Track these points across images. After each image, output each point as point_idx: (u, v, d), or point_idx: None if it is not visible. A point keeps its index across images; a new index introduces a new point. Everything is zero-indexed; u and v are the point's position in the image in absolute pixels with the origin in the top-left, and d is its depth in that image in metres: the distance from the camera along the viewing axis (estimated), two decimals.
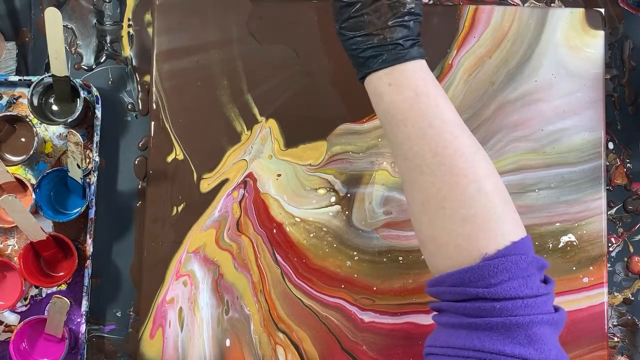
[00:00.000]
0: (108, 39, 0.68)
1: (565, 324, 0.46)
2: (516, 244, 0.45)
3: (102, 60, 0.68)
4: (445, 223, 0.47)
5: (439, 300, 0.49)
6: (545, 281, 0.46)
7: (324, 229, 0.65)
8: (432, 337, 0.48)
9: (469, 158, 0.47)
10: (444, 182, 0.47)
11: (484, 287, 0.44)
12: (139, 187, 0.67)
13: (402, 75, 0.50)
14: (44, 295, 0.65)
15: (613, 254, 0.68)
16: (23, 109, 0.66)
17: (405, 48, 0.50)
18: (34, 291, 0.65)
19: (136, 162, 0.67)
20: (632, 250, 0.68)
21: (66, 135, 0.66)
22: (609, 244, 0.68)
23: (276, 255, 0.65)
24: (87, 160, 0.65)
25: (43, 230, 0.60)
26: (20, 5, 0.68)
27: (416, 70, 0.50)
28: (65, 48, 0.65)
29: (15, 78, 0.65)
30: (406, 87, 0.49)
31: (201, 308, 0.64)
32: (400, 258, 0.65)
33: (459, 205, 0.46)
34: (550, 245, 0.65)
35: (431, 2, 0.69)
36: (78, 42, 0.68)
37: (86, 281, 0.63)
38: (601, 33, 0.67)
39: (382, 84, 0.50)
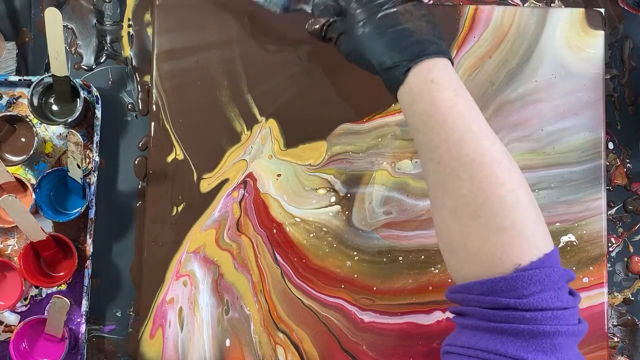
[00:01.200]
0: (108, 39, 0.68)
1: None
2: (548, 256, 0.45)
3: (102, 60, 0.68)
4: (479, 231, 0.46)
5: (461, 305, 0.48)
6: (571, 294, 0.46)
7: (324, 229, 0.65)
8: (452, 337, 0.48)
9: (506, 166, 0.46)
10: (482, 189, 0.45)
11: (516, 297, 0.43)
12: (139, 187, 0.67)
13: (443, 72, 0.49)
14: (44, 295, 0.65)
15: (613, 254, 0.68)
16: (23, 109, 0.66)
17: (441, 46, 0.50)
18: (34, 291, 0.65)
19: (136, 162, 0.67)
20: (632, 250, 0.68)
21: (66, 135, 0.66)
22: (609, 244, 0.68)
23: (276, 255, 0.65)
24: (87, 160, 0.65)
25: (43, 230, 0.60)
26: (20, 5, 0.68)
27: (452, 71, 0.49)
28: (65, 48, 0.65)
29: (15, 78, 0.65)
30: (447, 86, 0.48)
31: (201, 308, 0.64)
32: (400, 258, 0.65)
33: (495, 214, 0.45)
34: None
35: (431, 2, 0.69)
36: (78, 42, 0.68)
37: (86, 281, 0.63)
38: (601, 33, 0.67)
39: (424, 80, 0.48)
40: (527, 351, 0.42)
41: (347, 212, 0.65)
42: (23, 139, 0.65)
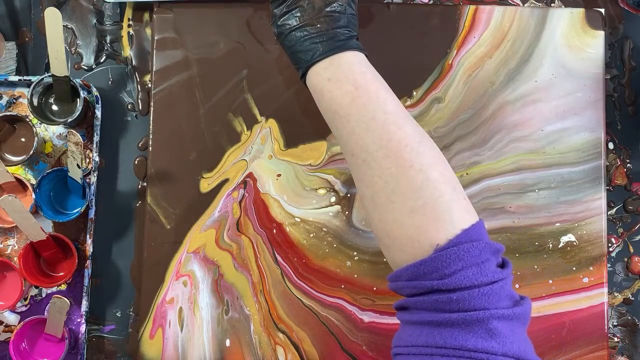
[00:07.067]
0: (108, 39, 0.68)
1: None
2: (467, 231, 0.44)
3: (102, 60, 0.68)
4: (395, 216, 0.46)
5: (400, 295, 0.48)
6: (503, 264, 0.46)
7: (324, 229, 0.65)
8: (397, 336, 0.47)
9: (414, 148, 0.47)
10: (391, 175, 0.46)
11: (438, 278, 0.43)
12: (139, 187, 0.67)
13: (341, 69, 0.50)
14: (44, 295, 0.65)
15: (613, 254, 0.68)
16: (23, 109, 0.66)
17: (342, 39, 0.50)
18: (34, 291, 0.65)
19: (136, 162, 0.67)
20: (632, 251, 0.68)
21: (66, 135, 0.66)
22: (609, 244, 0.68)
23: (276, 255, 0.65)
24: (87, 160, 0.65)
25: (43, 230, 0.60)
26: (20, 5, 0.68)
27: (354, 62, 0.50)
28: (65, 48, 0.65)
29: (15, 78, 0.65)
30: (345, 82, 0.49)
31: (201, 308, 0.64)
32: None
33: (407, 197, 0.46)
34: (550, 245, 0.65)
35: (431, 2, 0.69)
36: (78, 42, 0.68)
37: (86, 281, 0.63)
38: (601, 33, 0.67)
39: (322, 80, 0.50)
40: (465, 339, 0.41)
41: (347, 212, 0.65)
42: (23, 139, 0.65)
